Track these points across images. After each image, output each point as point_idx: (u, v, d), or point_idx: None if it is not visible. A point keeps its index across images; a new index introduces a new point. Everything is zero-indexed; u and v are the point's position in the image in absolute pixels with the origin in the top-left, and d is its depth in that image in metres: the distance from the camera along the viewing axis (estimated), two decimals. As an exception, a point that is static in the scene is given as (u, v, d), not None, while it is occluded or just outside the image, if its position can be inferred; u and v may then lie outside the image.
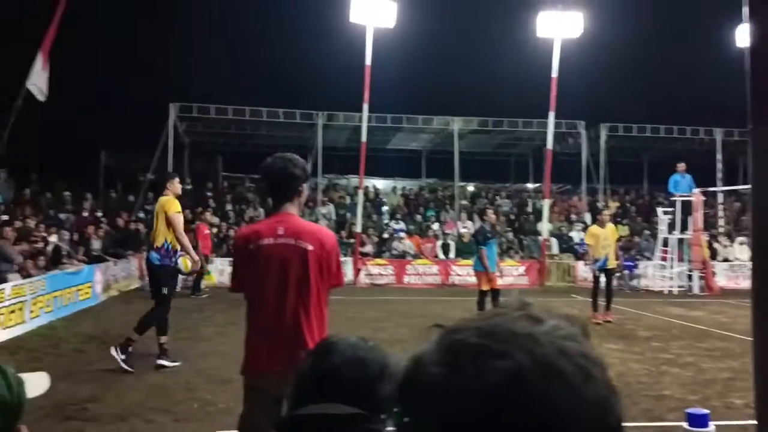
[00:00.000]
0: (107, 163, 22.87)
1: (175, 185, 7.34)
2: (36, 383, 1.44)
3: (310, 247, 3.00)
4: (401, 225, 19.91)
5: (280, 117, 21.48)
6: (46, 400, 4.86)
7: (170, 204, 7.10)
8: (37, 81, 16.50)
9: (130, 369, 6.68)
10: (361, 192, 18.78)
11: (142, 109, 23.08)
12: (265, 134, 23.20)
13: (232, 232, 17.61)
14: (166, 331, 7.19)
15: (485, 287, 9.92)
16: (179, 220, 7.07)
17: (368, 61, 17.21)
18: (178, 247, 7.14)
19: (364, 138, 17.94)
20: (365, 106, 17.67)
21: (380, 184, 24.68)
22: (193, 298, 13.65)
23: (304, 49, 28.21)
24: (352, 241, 17.70)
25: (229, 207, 20.27)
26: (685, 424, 3.16)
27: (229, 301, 12.63)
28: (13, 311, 9.00)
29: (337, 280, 3.12)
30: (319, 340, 3.01)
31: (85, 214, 18.12)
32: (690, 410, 3.24)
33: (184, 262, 7.18)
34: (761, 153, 2.10)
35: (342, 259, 3.77)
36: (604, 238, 10.93)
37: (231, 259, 16.82)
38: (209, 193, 20.96)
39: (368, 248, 18.35)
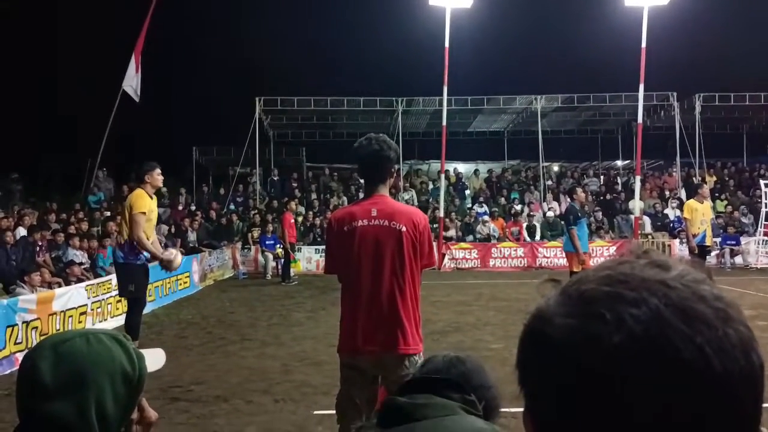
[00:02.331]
0: (199, 159, 23.85)
1: (155, 177, 6.67)
2: (154, 358, 1.48)
3: (403, 228, 3.01)
4: (484, 208, 19.66)
5: (361, 105, 21.63)
6: (154, 383, 5.14)
7: (137, 201, 6.54)
8: (132, 83, 17.42)
9: None
10: (443, 176, 18.68)
11: (230, 106, 23.95)
12: (345, 123, 23.50)
13: (318, 221, 17.96)
14: (137, 336, 6.65)
15: (576, 268, 9.61)
16: (139, 220, 6.48)
17: (447, 43, 17.05)
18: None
19: (444, 121, 17.81)
20: (445, 89, 17.52)
21: (462, 167, 24.40)
22: (283, 285, 14.04)
23: (383, 36, 28.36)
24: (435, 226, 17.64)
25: (313, 196, 20.68)
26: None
27: (317, 287, 12.93)
28: (119, 300, 9.54)
29: (429, 260, 3.12)
30: (415, 320, 3.03)
31: (180, 207, 19.02)
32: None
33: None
34: None
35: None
36: (702, 213, 10.41)
37: (317, 246, 17.14)
38: (294, 184, 21.48)
39: (451, 233, 18.23)
